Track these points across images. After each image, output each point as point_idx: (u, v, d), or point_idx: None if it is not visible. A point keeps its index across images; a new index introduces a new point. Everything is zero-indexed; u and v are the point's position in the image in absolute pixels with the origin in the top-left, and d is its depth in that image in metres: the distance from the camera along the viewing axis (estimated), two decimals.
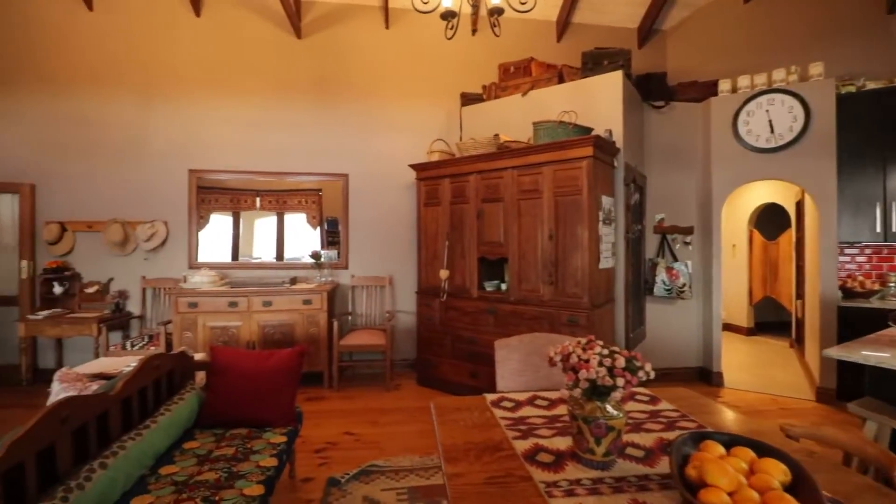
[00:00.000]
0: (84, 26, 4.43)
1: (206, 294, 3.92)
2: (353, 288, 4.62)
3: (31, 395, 3.86)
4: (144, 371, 2.06)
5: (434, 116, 4.79)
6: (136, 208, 4.41)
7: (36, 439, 1.42)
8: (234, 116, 4.58)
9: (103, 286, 4.33)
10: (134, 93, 4.46)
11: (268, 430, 2.20)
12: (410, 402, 3.78)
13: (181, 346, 3.84)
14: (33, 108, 4.37)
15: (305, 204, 4.73)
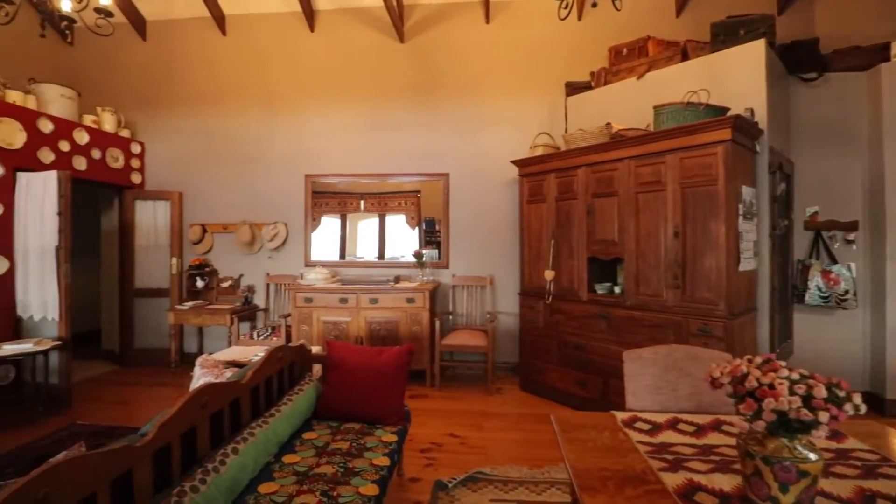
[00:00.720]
0: (218, 50, 5.00)
1: (319, 290, 4.16)
2: (453, 287, 4.60)
3: (178, 377, 4.43)
4: (270, 362, 2.19)
5: (537, 110, 4.58)
6: (261, 211, 4.86)
7: (181, 422, 1.55)
8: (342, 123, 4.83)
9: (235, 281, 4.83)
10: (259, 107, 4.92)
11: (379, 426, 2.20)
12: (514, 407, 3.62)
13: (299, 338, 4.12)
14: (180, 126, 5.03)
15: (405, 205, 4.83)
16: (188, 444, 1.59)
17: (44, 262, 3.61)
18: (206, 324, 4.44)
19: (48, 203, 3.60)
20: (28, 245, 3.64)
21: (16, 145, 3.69)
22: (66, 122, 4.15)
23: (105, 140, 4.57)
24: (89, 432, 3.14)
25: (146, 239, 4.95)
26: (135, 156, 4.95)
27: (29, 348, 3.27)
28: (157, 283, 4.91)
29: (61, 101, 4.24)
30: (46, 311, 3.61)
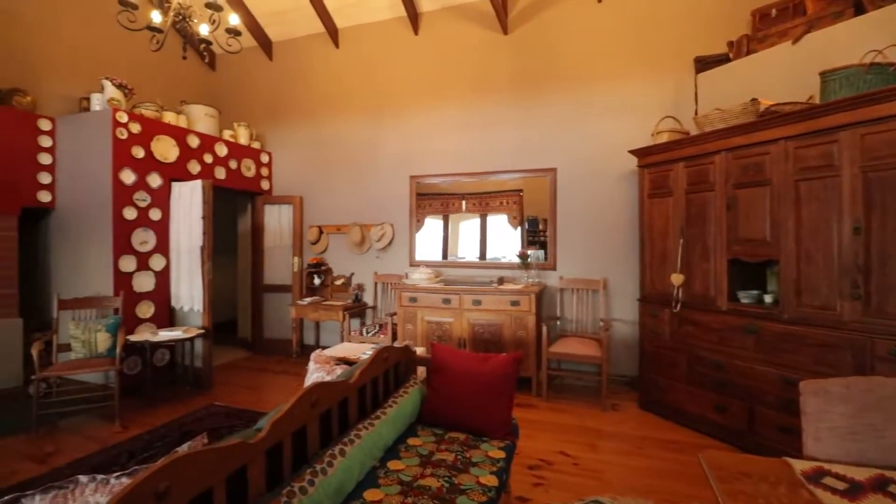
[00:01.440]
0: (333, 63, 5.30)
1: (423, 290, 4.16)
2: (561, 291, 4.28)
3: (299, 366, 4.77)
4: (376, 362, 2.16)
5: (657, 92, 4.06)
6: (370, 213, 5.05)
7: (292, 420, 1.55)
8: (445, 122, 4.80)
9: (347, 279, 5.08)
10: (368, 112, 5.11)
11: (485, 439, 2.05)
12: (633, 428, 3.22)
13: (404, 336, 4.17)
14: (300, 136, 5.45)
15: (506, 205, 4.63)
16: (299, 443, 1.60)
17: (191, 260, 4.12)
18: (321, 318, 4.73)
19: (195, 208, 4.09)
20: (180, 245, 4.19)
21: (170, 159, 4.27)
22: (209, 138, 4.72)
23: (240, 152, 5.12)
24: (224, 413, 3.48)
25: (273, 240, 5.45)
26: (264, 165, 5.47)
27: (179, 335, 3.74)
28: (282, 280, 5.37)
29: (206, 119, 4.84)
30: (193, 302, 4.12)
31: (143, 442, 2.98)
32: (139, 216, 3.97)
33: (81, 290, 3.85)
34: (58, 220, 4.08)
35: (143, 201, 4.00)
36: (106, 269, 3.80)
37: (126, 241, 3.87)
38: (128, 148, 3.89)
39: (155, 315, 4.07)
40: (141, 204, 3.98)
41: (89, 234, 3.90)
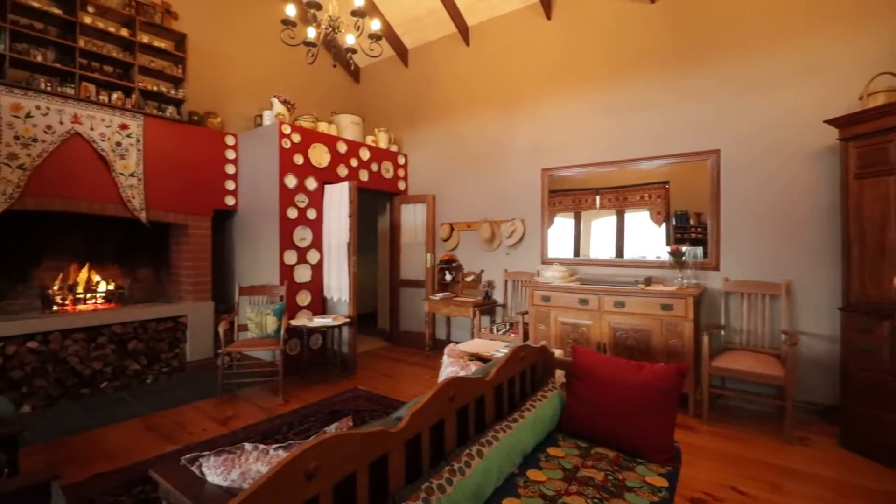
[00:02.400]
0: (464, 61, 5.34)
1: (557, 289, 3.91)
2: (726, 295, 3.63)
3: (431, 359, 4.90)
4: (513, 361, 2.03)
5: (867, 47, 3.17)
6: (500, 209, 4.95)
7: (430, 413, 1.50)
8: (579, 111, 4.45)
9: (477, 276, 5.06)
10: (499, 106, 5.02)
11: (640, 461, 1.77)
12: (832, 471, 2.54)
13: (536, 336, 3.97)
14: (433, 136, 5.61)
15: (649, 199, 4.10)
16: (436, 438, 1.55)
17: (340, 254, 4.51)
18: (452, 314, 4.78)
19: (343, 208, 4.47)
20: (331, 241, 4.62)
21: (323, 164, 4.73)
22: (354, 143, 5.13)
23: (380, 155, 5.47)
24: (366, 397, 3.71)
25: (408, 237, 5.71)
26: (400, 166, 5.77)
27: (330, 322, 4.11)
28: (416, 275, 5.59)
29: (352, 126, 5.27)
30: (341, 293, 4.50)
31: (300, 416, 3.32)
32: (299, 216, 4.48)
33: (256, 279, 4.49)
34: (239, 220, 4.84)
35: (302, 202, 4.50)
36: (273, 262, 4.36)
37: (289, 238, 4.39)
38: (290, 156, 4.42)
39: (311, 303, 4.55)
40: (300, 205, 4.49)
41: (261, 231, 4.52)
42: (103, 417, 3.27)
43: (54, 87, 3.62)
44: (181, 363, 4.29)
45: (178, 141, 4.31)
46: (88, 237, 4.18)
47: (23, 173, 3.39)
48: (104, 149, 3.82)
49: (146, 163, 4.07)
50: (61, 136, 3.59)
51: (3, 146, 3.31)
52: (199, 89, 4.68)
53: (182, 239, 4.47)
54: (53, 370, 3.50)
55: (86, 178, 3.72)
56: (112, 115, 3.87)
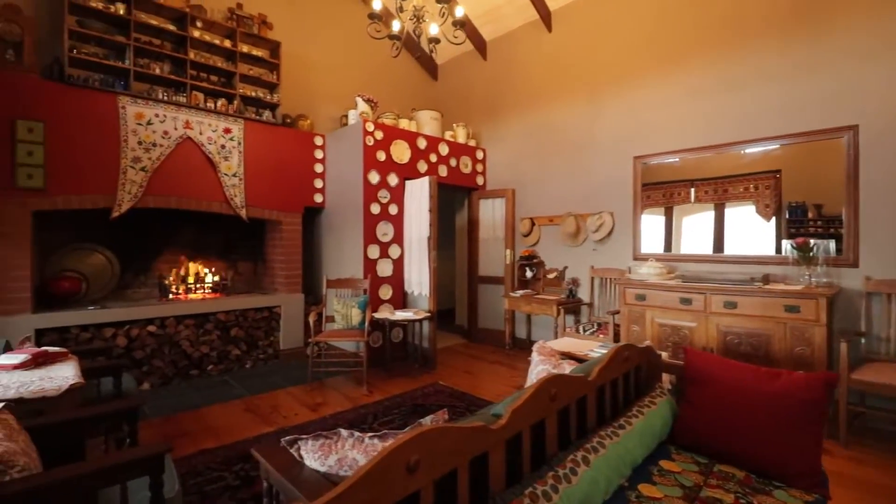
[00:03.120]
0: (546, 48, 5.11)
1: (654, 287, 3.57)
2: (867, 296, 3.07)
3: (511, 358, 4.75)
4: (615, 361, 1.83)
5: None
6: (585, 201, 4.67)
7: (531, 411, 1.37)
8: (675, 90, 4.04)
9: (560, 273, 4.82)
10: (584, 93, 4.73)
11: (778, 485, 1.49)
12: None
13: (628, 338, 3.66)
14: (512, 129, 5.44)
15: (755, 191, 3.61)
16: (536, 439, 1.41)
17: (420, 249, 4.51)
18: (534, 312, 4.59)
19: (423, 202, 4.47)
20: (411, 236, 4.65)
21: (404, 160, 4.78)
22: (433, 139, 5.13)
23: (459, 150, 5.42)
24: (448, 393, 3.66)
25: (487, 232, 5.60)
26: (479, 161, 5.68)
27: (411, 316, 4.13)
28: (495, 272, 5.47)
29: (431, 122, 5.27)
30: (422, 288, 4.50)
31: (384, 407, 3.34)
32: (381, 211, 4.55)
33: (341, 272, 4.65)
34: (326, 216, 5.04)
35: (384, 198, 4.57)
36: (357, 256, 4.48)
37: (372, 233, 4.49)
38: (373, 153, 4.51)
39: (392, 297, 4.61)
40: (383, 200, 4.56)
41: (346, 227, 4.67)
42: (209, 397, 3.55)
43: (170, 96, 4.00)
44: (275, 350, 4.56)
45: (273, 142, 4.58)
46: (197, 233, 4.59)
47: (145, 175, 3.79)
48: (211, 151, 4.16)
49: (246, 163, 4.37)
50: (175, 141, 3.96)
51: (130, 151, 3.72)
52: (290, 94, 4.95)
53: (276, 235, 4.75)
54: (169, 352, 3.88)
55: (195, 179, 4.08)
56: (217, 121, 4.21)
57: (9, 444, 1.29)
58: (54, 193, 3.39)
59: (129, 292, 4.21)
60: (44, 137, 3.33)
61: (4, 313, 3.15)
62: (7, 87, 3.20)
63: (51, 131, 3.37)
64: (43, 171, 3.33)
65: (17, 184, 3.23)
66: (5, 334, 2.99)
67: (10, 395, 1.61)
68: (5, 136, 3.19)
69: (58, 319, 3.36)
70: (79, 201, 3.50)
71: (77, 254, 3.90)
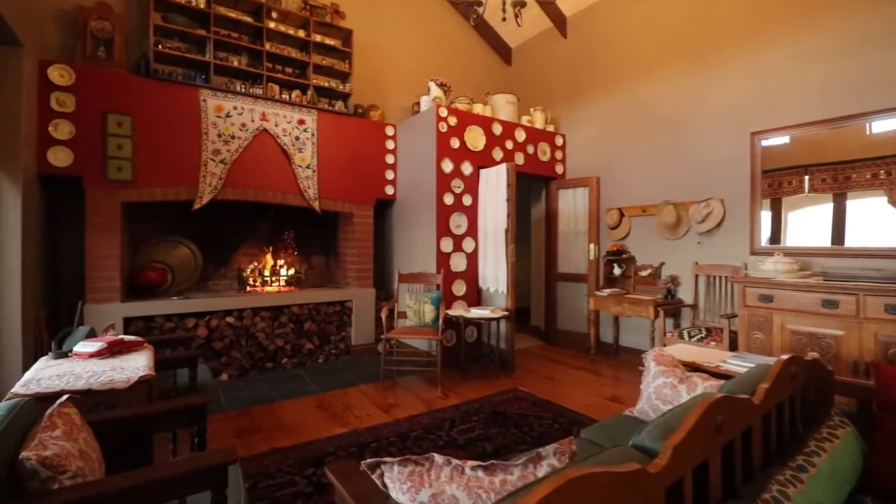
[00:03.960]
0: (638, 19, 4.54)
1: (785, 286, 2.95)
2: None
3: (596, 364, 4.27)
4: (782, 378, 1.38)
5: None
6: (688, 188, 4.06)
7: (694, 447, 0.99)
8: (805, 50, 3.34)
9: (655, 270, 4.25)
10: (686, 64, 4.12)
11: None
12: None
13: (749, 348, 3.07)
14: (597, 111, 4.92)
15: (887, 177, 2.89)
16: (698, 484, 1.03)
17: (496, 242, 4.18)
18: (625, 314, 4.07)
19: (500, 192, 4.13)
20: (486, 228, 4.33)
21: (479, 147, 4.46)
22: (509, 124, 4.76)
23: (536, 136, 5.01)
24: (530, 401, 3.29)
25: (567, 225, 5.14)
26: (558, 148, 5.23)
27: (488, 314, 3.80)
28: (576, 269, 4.99)
29: (507, 106, 4.91)
30: (498, 284, 4.17)
31: (461, 413, 3.05)
32: (455, 202, 4.28)
33: (412, 267, 4.43)
34: (398, 208, 4.87)
35: (457, 188, 4.29)
36: (430, 250, 4.23)
37: (445, 225, 4.22)
38: (447, 140, 4.24)
39: (466, 293, 4.32)
40: (456, 190, 4.29)
41: (418, 219, 4.45)
42: (283, 392, 3.47)
43: (247, 88, 4.00)
44: (347, 346, 4.45)
45: (345, 133, 4.47)
46: (273, 226, 4.60)
47: (224, 167, 3.81)
48: (286, 143, 4.12)
49: (318, 155, 4.29)
50: (252, 133, 3.95)
51: (210, 143, 3.75)
52: (362, 84, 4.83)
53: (348, 228, 4.64)
54: (246, 343, 3.87)
55: (271, 171, 4.05)
56: (292, 112, 4.16)
57: (64, 443, 1.14)
58: (141, 185, 3.48)
59: (210, 284, 4.30)
60: (132, 131, 3.42)
61: (96, 301, 3.26)
62: (99, 83, 3.31)
63: (138, 125, 3.46)
64: (131, 164, 3.42)
65: (108, 176, 3.34)
66: (96, 322, 3.08)
67: (78, 386, 1.51)
68: (97, 130, 3.31)
69: (144, 309, 3.44)
70: (163, 193, 3.57)
71: (164, 246, 4.02)
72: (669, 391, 1.75)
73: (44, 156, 3.12)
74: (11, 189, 2.72)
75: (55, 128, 3.16)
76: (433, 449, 2.51)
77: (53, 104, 3.16)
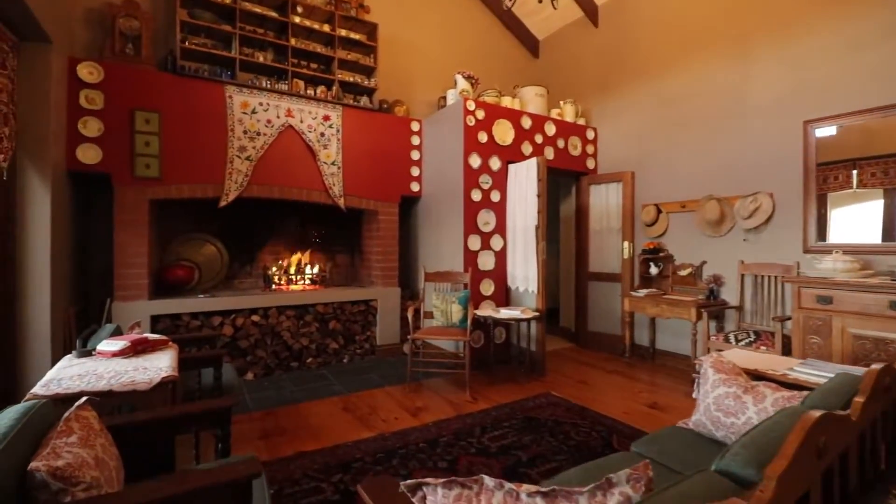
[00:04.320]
0: (675, 6, 4.30)
1: (847, 286, 2.70)
2: None
3: (632, 368, 4.06)
4: (876, 392, 1.20)
5: None
6: (732, 182, 3.81)
7: (797, 475, 0.83)
8: (858, 32, 3.06)
9: (696, 269, 4.01)
10: (726, 51, 3.87)
11: None
12: None
13: (804, 353, 2.83)
14: (630, 104, 4.70)
15: None
16: None
17: (526, 240, 4.02)
18: (663, 315, 3.85)
19: (530, 187, 3.97)
20: (516, 225, 4.17)
21: (507, 142, 4.31)
22: (539, 118, 4.59)
23: (567, 130, 4.82)
24: (563, 406, 3.12)
25: (598, 222, 4.93)
26: (589, 142, 5.02)
27: (518, 315, 3.65)
28: (609, 268, 4.78)
29: (536, 99, 4.74)
30: (528, 283, 4.01)
31: (492, 418, 2.91)
32: (482, 198, 4.14)
33: (438, 265, 4.32)
34: (423, 206, 4.76)
35: (485, 183, 4.15)
36: (457, 248, 4.11)
37: (473, 222, 4.09)
38: (474, 134, 4.11)
39: (494, 293, 4.17)
40: (484, 186, 4.15)
41: (445, 216, 4.33)
42: (308, 392, 3.40)
43: (272, 84, 3.96)
44: (372, 346, 4.37)
45: (370, 129, 4.39)
46: (298, 224, 4.56)
47: (250, 164, 3.77)
48: (311, 139, 4.06)
49: (344, 151, 4.22)
50: (278, 129, 3.90)
51: (236, 140, 3.71)
52: (387, 79, 4.74)
53: (373, 226, 4.56)
54: (271, 342, 3.83)
55: (296, 168, 4.00)
56: (317, 108, 4.10)
57: (80, 451, 1.06)
58: (169, 182, 3.46)
59: (235, 282, 4.28)
60: (159, 128, 3.41)
61: (123, 299, 3.26)
62: (127, 80, 3.31)
63: (165, 122, 3.44)
64: (158, 161, 3.41)
65: (136, 173, 3.33)
66: (124, 319, 3.07)
67: (99, 387, 1.44)
68: (125, 128, 3.30)
69: (171, 307, 3.42)
70: (190, 190, 3.55)
71: (192, 244, 4.02)
72: (733, 402, 1.58)
73: (73, 153, 3.13)
74: (41, 186, 2.72)
75: (84, 125, 3.17)
76: (464, 457, 2.38)
77: (82, 101, 3.16)
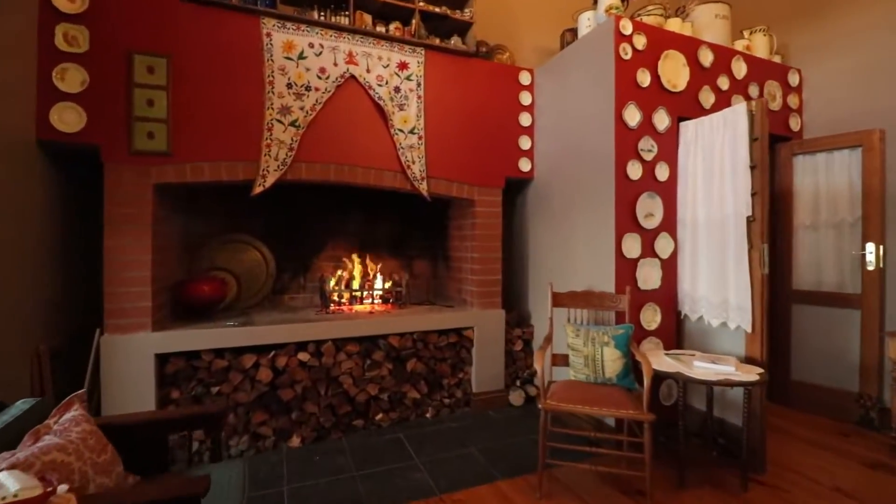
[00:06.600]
0: None
1: None
2: None
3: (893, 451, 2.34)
4: None
5: None
6: None
7: None
8: None
9: None
10: None
11: None
12: None
13: None
14: (861, 25, 2.90)
15: None
16: None
17: (722, 240, 2.45)
18: None
19: (731, 154, 2.39)
20: (697, 217, 2.61)
21: (679, 87, 2.75)
22: (723, 51, 2.96)
23: (760, 71, 3.13)
24: None
25: (812, 213, 3.17)
26: (792, 89, 3.28)
27: (731, 373, 2.09)
28: (833, 284, 3.02)
29: (715, 23, 3.09)
30: (724, 313, 2.42)
31: None
32: (643, 175, 2.62)
33: (565, 280, 2.88)
34: (536, 192, 3.33)
35: (648, 152, 2.64)
36: (601, 254, 2.64)
37: (629, 212, 2.59)
38: (632, 73, 2.61)
39: (661, 326, 2.64)
40: (646, 157, 2.63)
41: (578, 205, 2.87)
42: (377, 484, 2.13)
43: (328, 18, 2.75)
44: (466, 394, 3.05)
45: (463, 82, 3.06)
46: (363, 220, 3.38)
47: (296, 132, 2.59)
48: (381, 96, 2.81)
49: (427, 114, 2.93)
50: (335, 82, 2.69)
51: (276, 98, 2.55)
52: (484, 17, 3.37)
53: (466, 221, 3.23)
54: (325, 393, 2.63)
55: (360, 138, 2.77)
56: (390, 51, 2.84)
57: None
58: (182, 159, 2.37)
59: (286, 298, 3.18)
60: (168, 80, 2.32)
61: (117, 330, 2.21)
62: (123, 9, 2.26)
63: (176, 71, 2.35)
64: (167, 129, 2.32)
65: (135, 146, 2.26)
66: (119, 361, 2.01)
67: None
68: (119, 78, 2.25)
69: (183, 340, 2.33)
70: (212, 171, 2.43)
71: (229, 248, 2.97)
72: None
73: (45, 116, 2.12)
74: None
75: (61, 76, 2.15)
76: None
77: (59, 42, 2.15)
